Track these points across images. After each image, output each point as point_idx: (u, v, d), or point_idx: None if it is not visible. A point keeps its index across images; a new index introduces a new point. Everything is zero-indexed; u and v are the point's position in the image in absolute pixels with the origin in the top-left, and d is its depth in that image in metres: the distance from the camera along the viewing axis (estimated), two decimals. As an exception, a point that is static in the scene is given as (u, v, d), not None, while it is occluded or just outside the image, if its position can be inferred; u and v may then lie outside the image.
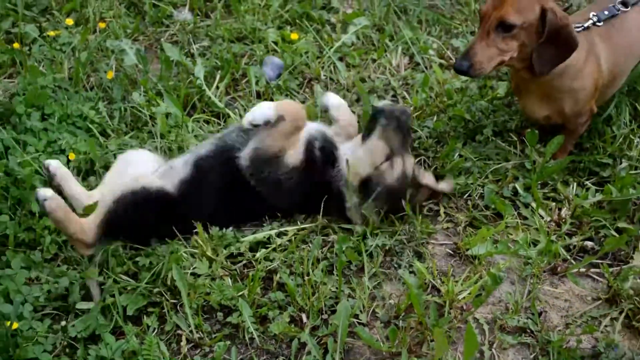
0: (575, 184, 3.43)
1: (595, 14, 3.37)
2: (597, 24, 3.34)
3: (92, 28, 4.39)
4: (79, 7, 4.53)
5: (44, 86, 3.78)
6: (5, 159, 3.40)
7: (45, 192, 2.98)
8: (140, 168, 3.27)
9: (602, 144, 3.56)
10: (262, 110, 3.11)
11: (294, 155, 3.18)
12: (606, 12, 3.38)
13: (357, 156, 3.20)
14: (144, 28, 4.48)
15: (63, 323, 2.91)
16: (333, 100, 3.51)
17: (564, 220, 3.28)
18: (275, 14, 4.51)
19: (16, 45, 4.12)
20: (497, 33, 3.11)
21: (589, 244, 3.22)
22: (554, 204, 3.36)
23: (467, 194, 3.43)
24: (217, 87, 3.99)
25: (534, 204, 3.34)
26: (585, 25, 3.31)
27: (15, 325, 2.78)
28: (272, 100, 3.92)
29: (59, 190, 3.15)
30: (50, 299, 2.97)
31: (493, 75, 4.05)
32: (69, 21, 4.37)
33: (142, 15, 4.55)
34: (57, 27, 4.38)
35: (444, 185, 3.35)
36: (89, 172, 3.49)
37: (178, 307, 2.96)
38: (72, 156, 3.46)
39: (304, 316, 2.92)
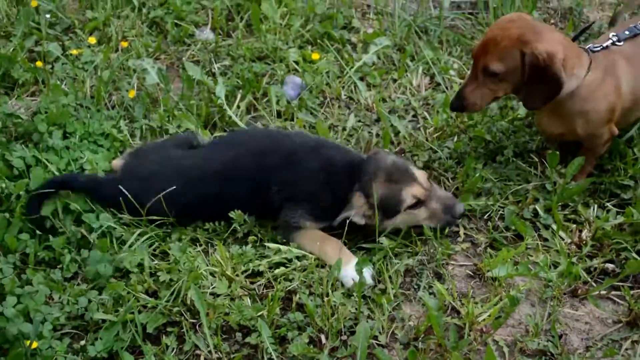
0: (596, 205, 3.41)
1: (615, 33, 3.36)
2: (617, 43, 3.33)
3: (114, 47, 4.42)
4: (101, 25, 4.56)
5: (65, 105, 3.81)
6: (26, 178, 3.42)
7: None
8: None
9: (624, 166, 3.53)
10: None
11: None
12: (627, 32, 3.37)
13: None
14: (165, 47, 4.51)
15: (82, 342, 2.92)
16: None
17: (584, 242, 3.26)
18: (296, 34, 4.53)
19: (39, 63, 4.16)
20: (485, 77, 3.21)
21: (610, 266, 3.19)
22: (574, 225, 3.34)
23: (487, 215, 3.42)
24: (238, 107, 4.01)
25: (554, 226, 3.32)
26: (604, 45, 3.30)
27: (34, 345, 2.79)
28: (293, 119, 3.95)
29: None
30: (69, 318, 2.98)
31: (514, 96, 4.03)
32: (92, 40, 4.40)
33: (164, 34, 4.58)
34: (79, 45, 4.42)
35: None
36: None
37: (197, 327, 2.97)
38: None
39: (323, 337, 2.91)
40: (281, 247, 3.24)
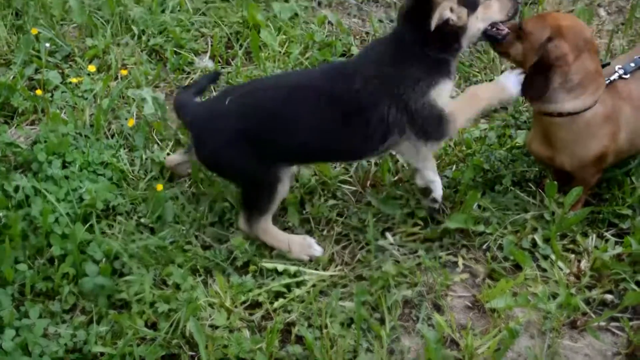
0: (594, 235, 3.41)
1: (621, 66, 3.37)
2: (624, 76, 3.34)
3: (114, 75, 4.43)
4: (101, 53, 4.57)
5: (65, 134, 3.82)
6: (26, 207, 3.42)
7: None
8: None
9: (622, 195, 3.54)
10: None
11: None
12: (632, 64, 3.37)
13: None
14: (165, 75, 4.51)
15: (81, 376, 2.93)
16: None
17: (583, 272, 3.26)
18: (295, 61, 4.54)
19: (39, 92, 4.16)
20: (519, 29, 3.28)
21: (609, 297, 3.19)
22: (573, 255, 3.35)
23: (486, 245, 3.42)
24: (237, 135, 4.01)
25: (553, 256, 3.32)
26: (611, 79, 3.31)
27: (33, 379, 2.79)
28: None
29: None
30: (68, 351, 2.98)
31: (512, 124, 4.05)
32: (92, 68, 4.41)
33: (163, 62, 4.59)
34: (79, 73, 4.42)
35: None
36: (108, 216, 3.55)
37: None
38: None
39: (322, 370, 2.91)
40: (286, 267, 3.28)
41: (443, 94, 3.19)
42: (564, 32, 3.15)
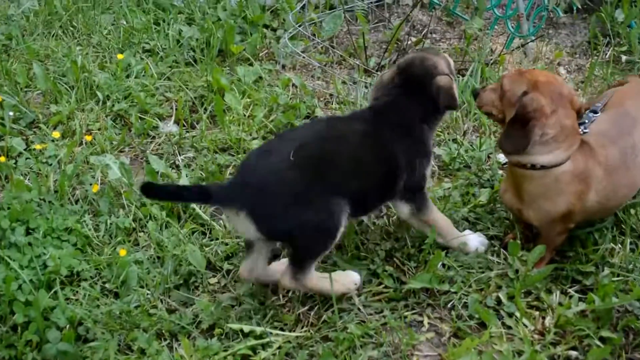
0: (558, 292, 3.43)
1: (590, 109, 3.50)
2: (585, 131, 3.40)
3: (78, 140, 4.44)
4: (65, 119, 4.59)
5: (29, 200, 3.81)
6: (-12, 275, 3.41)
7: None
8: None
9: (584, 251, 3.57)
10: None
11: None
12: (586, 121, 3.45)
13: None
14: (130, 140, 4.53)
15: None
16: None
17: (547, 329, 3.26)
18: (259, 124, 4.57)
19: (2, 158, 4.16)
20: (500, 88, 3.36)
21: (573, 353, 3.19)
22: (537, 312, 3.35)
23: (450, 304, 3.43)
24: (202, 199, 4.01)
25: (517, 314, 3.33)
26: (585, 121, 3.42)
27: None
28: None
29: None
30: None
31: (475, 182, 4.10)
32: (56, 134, 4.42)
33: (128, 127, 4.61)
34: (43, 140, 4.43)
35: None
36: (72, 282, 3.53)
37: None
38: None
39: None
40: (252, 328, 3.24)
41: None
42: (540, 86, 3.21)
